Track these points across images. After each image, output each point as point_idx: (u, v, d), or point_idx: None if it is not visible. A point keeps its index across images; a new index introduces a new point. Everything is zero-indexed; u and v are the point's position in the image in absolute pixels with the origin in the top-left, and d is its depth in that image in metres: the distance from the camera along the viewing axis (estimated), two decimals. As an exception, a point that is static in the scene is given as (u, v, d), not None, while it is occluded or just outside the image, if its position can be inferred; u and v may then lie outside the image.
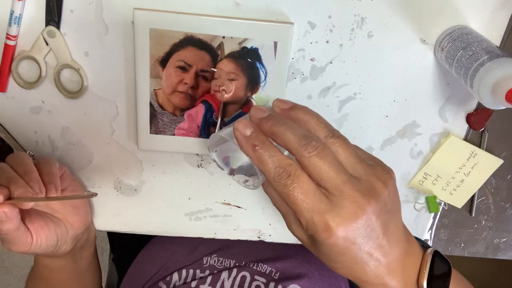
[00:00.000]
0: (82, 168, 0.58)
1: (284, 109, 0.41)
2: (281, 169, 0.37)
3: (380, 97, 0.54)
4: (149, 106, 0.52)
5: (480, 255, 0.67)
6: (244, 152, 0.39)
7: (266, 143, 0.38)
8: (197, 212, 0.61)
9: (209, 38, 0.48)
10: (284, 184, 0.37)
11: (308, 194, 0.36)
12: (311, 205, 0.36)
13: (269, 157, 0.37)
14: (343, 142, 0.39)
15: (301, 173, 0.37)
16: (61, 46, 0.49)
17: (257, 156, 0.38)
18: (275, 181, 0.37)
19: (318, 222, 0.36)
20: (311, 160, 0.36)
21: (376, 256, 0.39)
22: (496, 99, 0.41)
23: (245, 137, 0.38)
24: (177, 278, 0.64)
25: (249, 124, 0.39)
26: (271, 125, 0.38)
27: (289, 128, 0.38)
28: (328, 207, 0.36)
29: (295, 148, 0.37)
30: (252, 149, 0.38)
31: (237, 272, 0.64)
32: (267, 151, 0.37)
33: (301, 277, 0.64)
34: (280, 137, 0.38)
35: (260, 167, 0.38)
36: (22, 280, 1.62)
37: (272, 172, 0.37)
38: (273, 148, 0.38)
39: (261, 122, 0.39)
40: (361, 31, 0.50)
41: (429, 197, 0.60)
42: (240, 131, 0.39)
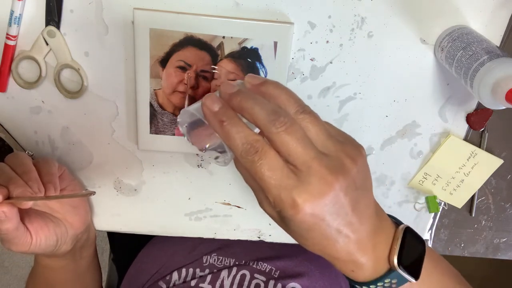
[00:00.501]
0: (82, 168, 0.58)
1: (255, 84, 0.40)
2: (248, 145, 0.36)
3: (380, 97, 0.54)
4: (149, 106, 0.52)
5: (480, 255, 0.67)
6: (212, 127, 0.38)
7: (234, 119, 0.37)
8: (197, 212, 0.61)
9: (209, 38, 0.48)
10: (251, 161, 0.36)
11: (275, 170, 0.36)
12: (278, 181, 0.36)
13: (236, 132, 0.37)
14: (313, 118, 0.38)
15: (268, 149, 0.36)
16: (61, 46, 0.49)
17: (224, 132, 0.37)
18: (242, 157, 0.37)
19: (285, 198, 0.36)
20: (279, 135, 0.36)
21: (345, 232, 0.38)
22: (496, 99, 0.41)
23: (212, 112, 0.38)
24: (177, 277, 0.64)
25: (217, 100, 0.38)
26: (240, 100, 0.38)
27: (258, 103, 0.37)
28: (296, 183, 0.36)
29: (263, 123, 0.36)
30: (220, 124, 0.37)
31: (237, 271, 0.64)
32: (235, 126, 0.37)
33: (301, 276, 0.64)
34: (249, 112, 0.37)
35: (227, 143, 0.37)
36: (22, 280, 1.62)
37: (240, 148, 0.36)
38: (241, 123, 0.37)
39: (231, 98, 0.38)
40: (361, 31, 0.50)
41: (429, 197, 0.60)
42: (208, 106, 0.38)
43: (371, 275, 0.41)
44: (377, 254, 0.41)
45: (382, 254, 0.41)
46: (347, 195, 0.37)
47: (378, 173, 0.59)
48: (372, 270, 0.41)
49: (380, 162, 0.58)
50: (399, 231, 0.43)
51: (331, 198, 0.36)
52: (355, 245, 0.39)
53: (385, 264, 0.41)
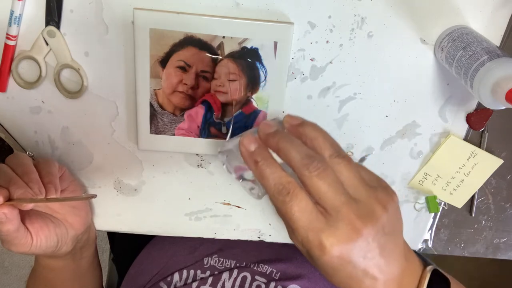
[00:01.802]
0: (82, 168, 0.58)
1: (293, 124, 0.42)
2: (281, 186, 0.38)
3: (380, 97, 0.54)
4: (149, 106, 0.52)
5: (480, 255, 0.67)
6: (248, 166, 0.40)
7: (269, 160, 0.39)
8: (197, 212, 0.61)
9: (209, 38, 0.48)
10: (282, 201, 0.37)
11: (304, 212, 0.37)
12: (306, 223, 0.37)
13: (270, 173, 0.38)
14: (347, 163, 0.39)
15: (299, 191, 0.37)
16: (61, 46, 0.49)
17: (258, 172, 0.39)
18: (274, 197, 0.38)
19: (313, 240, 0.37)
20: (311, 179, 0.37)
21: (372, 273, 0.39)
22: (496, 99, 0.41)
23: (249, 152, 0.40)
24: (178, 278, 0.64)
25: (253, 140, 0.40)
26: (277, 141, 0.39)
27: (294, 146, 0.39)
28: (324, 226, 0.37)
29: (297, 166, 0.38)
30: (255, 164, 0.39)
31: (238, 273, 0.64)
32: (269, 167, 0.38)
33: (301, 277, 0.64)
34: (285, 153, 0.39)
35: (261, 182, 0.39)
36: (22, 280, 1.62)
37: (272, 188, 0.38)
38: (275, 164, 0.39)
39: (268, 138, 0.40)
40: (361, 31, 0.50)
41: (429, 197, 0.60)
42: (244, 146, 0.40)
43: None
44: None
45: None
46: (375, 241, 0.38)
47: (378, 173, 0.59)
48: None
49: (380, 162, 0.58)
50: (426, 272, 0.43)
51: (358, 244, 0.37)
52: (382, 285, 0.40)
53: None
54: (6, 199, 0.43)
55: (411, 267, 0.43)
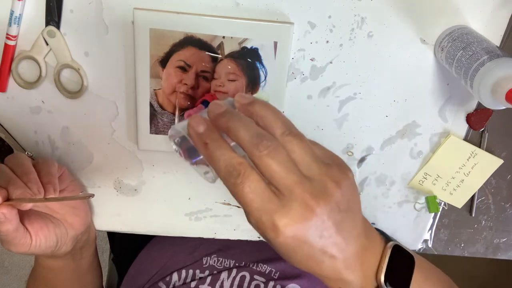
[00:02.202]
0: (82, 168, 0.58)
1: (243, 103, 0.40)
2: (231, 168, 0.36)
3: (380, 97, 0.54)
4: (149, 106, 0.52)
5: (480, 255, 0.66)
6: (197, 148, 0.39)
7: (218, 141, 0.37)
8: (197, 212, 0.61)
9: (209, 38, 0.48)
10: (233, 183, 0.36)
11: (257, 194, 0.36)
12: (259, 204, 0.36)
13: (220, 155, 0.37)
14: (299, 140, 0.38)
15: (251, 172, 0.36)
16: (61, 46, 0.49)
17: (208, 154, 0.37)
18: (225, 179, 0.37)
19: (266, 221, 0.36)
20: (262, 159, 0.36)
21: (330, 252, 0.38)
22: (496, 99, 0.41)
23: (197, 133, 0.38)
24: (177, 278, 0.64)
25: (202, 121, 0.39)
26: (226, 121, 0.38)
27: (243, 125, 0.37)
28: (277, 207, 0.36)
29: (247, 146, 0.36)
30: (204, 146, 0.37)
31: (237, 273, 0.64)
32: (218, 149, 0.37)
33: (300, 277, 0.64)
34: (234, 133, 0.37)
35: (211, 164, 0.38)
36: (22, 280, 1.62)
37: (223, 171, 0.37)
38: (224, 145, 0.37)
39: (217, 118, 0.38)
40: (361, 31, 0.50)
41: (429, 197, 0.60)
42: (193, 128, 0.38)
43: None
44: (365, 272, 0.41)
45: (370, 272, 0.42)
46: (330, 219, 0.37)
47: (378, 173, 0.59)
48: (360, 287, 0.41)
49: (380, 162, 0.58)
50: (387, 249, 0.43)
51: (312, 222, 0.36)
52: (342, 264, 0.39)
53: (373, 281, 0.42)
54: (5, 199, 0.43)
55: (372, 244, 0.43)
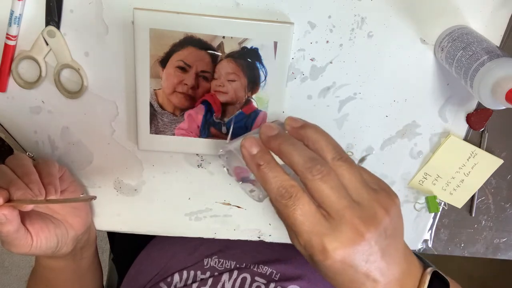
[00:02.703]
0: (82, 168, 0.58)
1: (295, 127, 0.41)
2: (283, 190, 0.37)
3: (380, 97, 0.54)
4: (149, 106, 0.52)
5: (480, 255, 0.66)
6: (249, 169, 0.40)
7: (271, 163, 0.39)
8: (197, 212, 0.61)
9: (209, 38, 0.48)
10: (285, 205, 0.37)
11: (307, 216, 0.37)
12: (310, 227, 0.37)
13: (272, 177, 0.38)
14: (349, 166, 0.39)
15: (302, 195, 0.37)
16: (61, 46, 0.49)
17: (261, 175, 0.39)
18: (276, 201, 0.38)
19: (316, 244, 0.37)
20: (314, 182, 0.37)
21: (373, 277, 0.39)
22: (496, 99, 0.41)
23: (251, 155, 0.39)
24: (178, 279, 0.64)
25: (255, 143, 0.40)
26: (279, 144, 0.39)
27: (296, 149, 0.38)
28: (327, 231, 0.37)
29: (300, 170, 0.37)
30: (257, 167, 0.39)
31: (238, 274, 0.64)
32: (271, 171, 0.38)
33: (301, 278, 0.64)
34: (287, 156, 0.38)
35: (263, 185, 0.39)
36: (22, 280, 1.62)
37: (274, 192, 0.38)
38: (277, 168, 0.38)
39: (270, 140, 0.40)
40: (361, 31, 0.50)
41: (429, 197, 0.60)
42: (246, 149, 0.40)
43: None
44: None
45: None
46: (377, 244, 0.38)
47: (378, 173, 0.59)
48: None
49: (380, 162, 0.58)
50: (426, 275, 0.43)
51: (361, 247, 0.37)
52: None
53: None
54: (6, 200, 0.43)
55: (411, 269, 0.43)
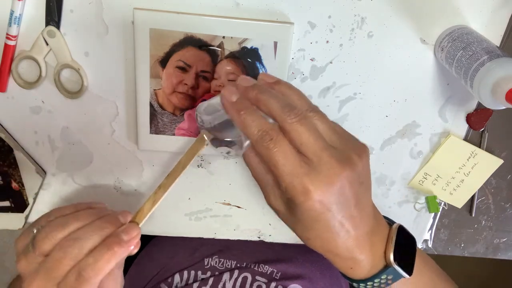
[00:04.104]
0: (82, 168, 0.58)
1: (268, 82, 0.43)
2: (264, 132, 0.39)
3: (380, 97, 0.54)
4: (149, 106, 0.52)
5: (480, 255, 0.67)
6: (230, 116, 0.41)
7: (250, 109, 0.40)
8: (197, 212, 0.61)
9: (209, 38, 0.48)
10: (266, 147, 0.38)
11: (288, 158, 0.38)
12: (291, 168, 0.38)
13: (252, 121, 0.39)
14: (321, 116, 0.41)
15: (282, 138, 0.39)
16: (61, 46, 0.49)
17: (241, 120, 0.40)
18: (257, 143, 0.39)
19: (297, 185, 0.38)
20: (292, 125, 0.38)
21: (347, 227, 0.41)
22: (496, 99, 0.41)
23: (231, 102, 0.41)
24: (179, 279, 0.64)
25: (235, 91, 0.42)
26: (256, 93, 0.41)
27: (273, 97, 0.40)
28: (307, 171, 0.38)
29: (278, 114, 0.39)
30: (237, 113, 0.40)
31: (239, 274, 0.64)
32: (251, 115, 0.40)
33: (302, 277, 0.64)
34: (264, 103, 0.40)
35: (244, 130, 0.40)
36: (22, 280, 1.62)
37: (255, 135, 0.39)
38: (257, 113, 0.40)
39: (247, 90, 0.41)
40: (361, 31, 0.50)
41: (429, 197, 0.60)
42: (226, 97, 0.41)
43: (368, 272, 0.44)
44: (374, 251, 0.43)
45: (379, 251, 0.44)
46: (352, 188, 0.39)
47: (378, 173, 0.59)
48: (369, 267, 0.44)
49: (380, 162, 0.58)
50: (393, 230, 0.45)
51: (338, 187, 0.38)
52: (354, 241, 0.42)
53: (381, 261, 0.44)
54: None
55: (380, 225, 0.45)
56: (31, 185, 0.57)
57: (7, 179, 0.56)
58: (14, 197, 0.57)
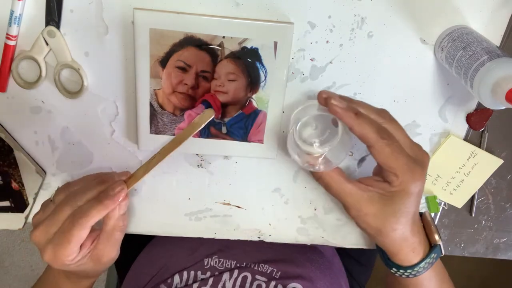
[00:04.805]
0: (82, 168, 0.58)
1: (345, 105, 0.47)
2: (381, 129, 0.45)
3: (380, 97, 0.54)
4: (149, 106, 0.52)
5: (480, 255, 0.66)
6: (345, 121, 0.45)
7: (360, 112, 0.45)
8: (197, 212, 0.61)
9: (209, 38, 0.48)
10: (387, 143, 0.45)
11: (402, 152, 0.46)
12: (404, 161, 0.46)
13: (370, 121, 0.45)
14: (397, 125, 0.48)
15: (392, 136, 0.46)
16: (61, 46, 0.49)
17: (359, 122, 0.44)
18: (378, 141, 0.44)
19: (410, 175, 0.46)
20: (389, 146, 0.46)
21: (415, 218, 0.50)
22: (496, 99, 0.41)
23: (343, 108, 0.45)
24: (178, 280, 0.64)
25: (338, 97, 0.46)
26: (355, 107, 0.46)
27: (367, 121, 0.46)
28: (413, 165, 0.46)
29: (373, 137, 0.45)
30: (355, 115, 0.44)
31: (238, 273, 0.64)
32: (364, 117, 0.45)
33: (302, 276, 0.64)
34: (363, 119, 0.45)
35: (362, 131, 0.44)
36: (22, 280, 1.62)
37: (375, 133, 0.44)
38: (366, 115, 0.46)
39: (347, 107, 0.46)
40: (361, 31, 0.50)
41: (429, 197, 0.60)
42: (337, 105, 0.45)
43: (422, 254, 0.52)
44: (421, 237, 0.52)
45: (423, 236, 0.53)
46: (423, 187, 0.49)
47: (378, 173, 0.59)
48: (423, 250, 0.52)
49: (380, 162, 0.58)
50: (427, 215, 0.55)
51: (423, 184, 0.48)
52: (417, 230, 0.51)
53: (427, 244, 0.53)
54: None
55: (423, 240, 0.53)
56: (31, 185, 0.57)
57: (7, 179, 0.56)
58: (14, 197, 0.57)
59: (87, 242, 0.51)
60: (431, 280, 0.54)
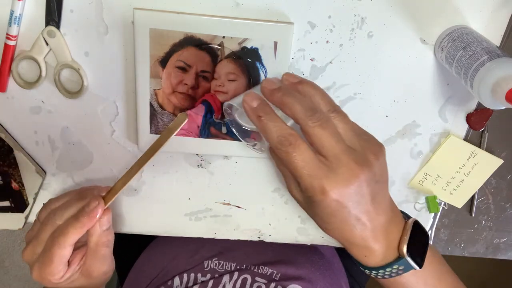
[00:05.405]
0: (82, 168, 0.58)
1: (292, 82, 0.46)
2: (283, 138, 0.41)
3: (380, 97, 0.54)
4: (149, 106, 0.52)
5: (480, 255, 0.67)
6: (251, 121, 0.43)
7: (271, 114, 0.42)
8: (197, 212, 0.61)
9: (209, 38, 0.48)
10: (285, 152, 0.41)
11: (307, 162, 0.41)
12: (309, 171, 0.41)
13: (272, 126, 0.41)
14: (343, 117, 0.43)
15: (301, 142, 0.41)
16: (61, 46, 0.49)
17: (261, 125, 0.42)
18: (277, 148, 0.41)
19: (316, 186, 0.41)
20: (314, 129, 0.41)
21: (363, 220, 0.43)
22: (496, 99, 0.41)
23: (252, 108, 0.43)
24: (179, 282, 0.64)
25: (256, 96, 0.44)
26: (281, 96, 0.43)
27: (297, 100, 0.42)
28: (326, 173, 0.40)
29: (301, 117, 0.41)
30: (258, 119, 0.42)
31: (238, 275, 0.64)
32: (271, 121, 0.42)
33: (302, 278, 0.64)
34: (289, 107, 0.42)
35: (264, 135, 0.42)
36: (22, 280, 1.62)
37: (275, 140, 0.41)
38: (277, 118, 0.42)
39: (272, 92, 0.44)
40: (361, 31, 0.50)
41: (429, 197, 0.60)
42: (247, 103, 0.43)
43: (381, 261, 0.47)
44: (388, 242, 0.46)
45: (393, 243, 0.47)
46: (369, 187, 0.42)
47: (378, 173, 0.59)
48: (382, 256, 0.46)
49: (380, 162, 0.58)
50: (409, 224, 0.48)
51: (355, 187, 0.41)
52: (370, 232, 0.44)
53: (394, 252, 0.47)
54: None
55: (396, 219, 0.47)
56: (31, 185, 0.57)
57: (7, 179, 0.56)
58: (14, 197, 0.57)
59: (76, 258, 0.50)
60: (421, 278, 0.50)
